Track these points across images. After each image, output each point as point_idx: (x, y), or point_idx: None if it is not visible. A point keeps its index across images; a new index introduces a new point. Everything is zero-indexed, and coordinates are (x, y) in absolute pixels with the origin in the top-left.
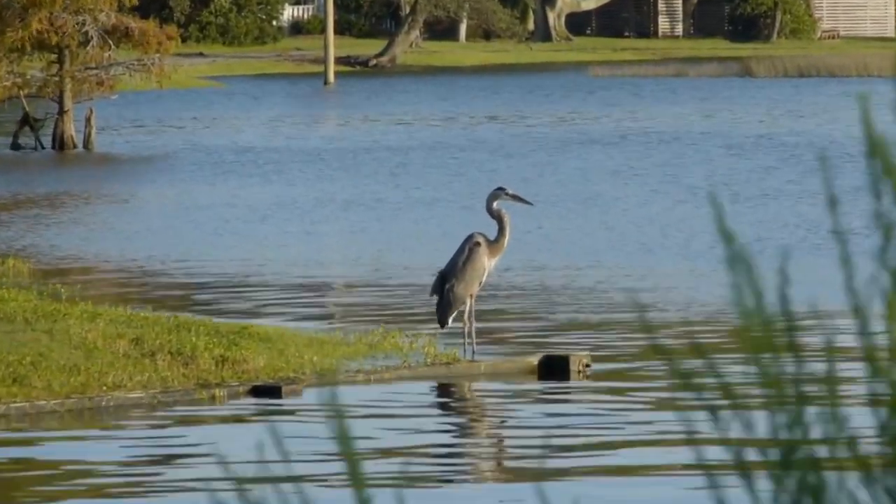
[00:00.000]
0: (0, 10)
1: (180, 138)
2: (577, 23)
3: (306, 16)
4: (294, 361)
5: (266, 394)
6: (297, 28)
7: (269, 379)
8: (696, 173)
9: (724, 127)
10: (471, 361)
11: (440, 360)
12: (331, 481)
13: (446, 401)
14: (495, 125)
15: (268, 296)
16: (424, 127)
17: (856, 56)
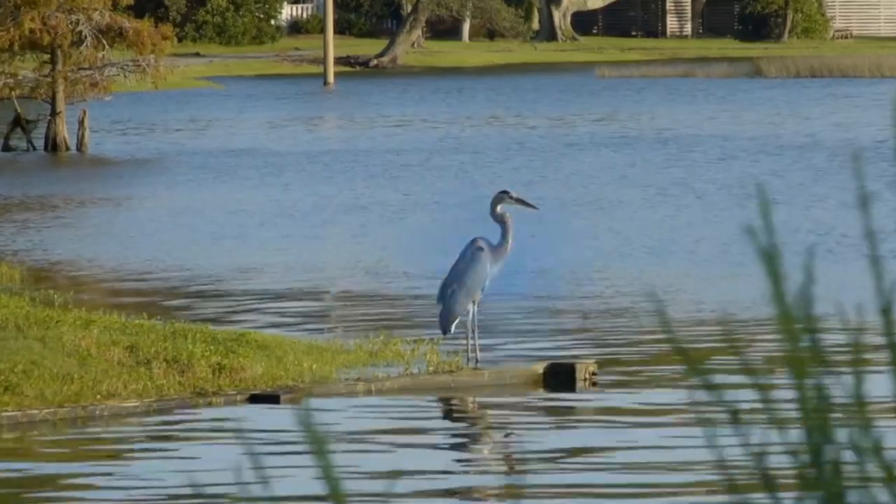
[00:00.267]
0: None
1: (176, 140)
2: (584, 22)
3: (305, 15)
4: (293, 369)
5: (264, 402)
6: (296, 27)
7: (268, 387)
8: (705, 176)
9: (732, 128)
10: (474, 369)
11: (443, 368)
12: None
13: (449, 409)
14: (499, 127)
15: (266, 302)
16: (426, 129)
17: (869, 56)
